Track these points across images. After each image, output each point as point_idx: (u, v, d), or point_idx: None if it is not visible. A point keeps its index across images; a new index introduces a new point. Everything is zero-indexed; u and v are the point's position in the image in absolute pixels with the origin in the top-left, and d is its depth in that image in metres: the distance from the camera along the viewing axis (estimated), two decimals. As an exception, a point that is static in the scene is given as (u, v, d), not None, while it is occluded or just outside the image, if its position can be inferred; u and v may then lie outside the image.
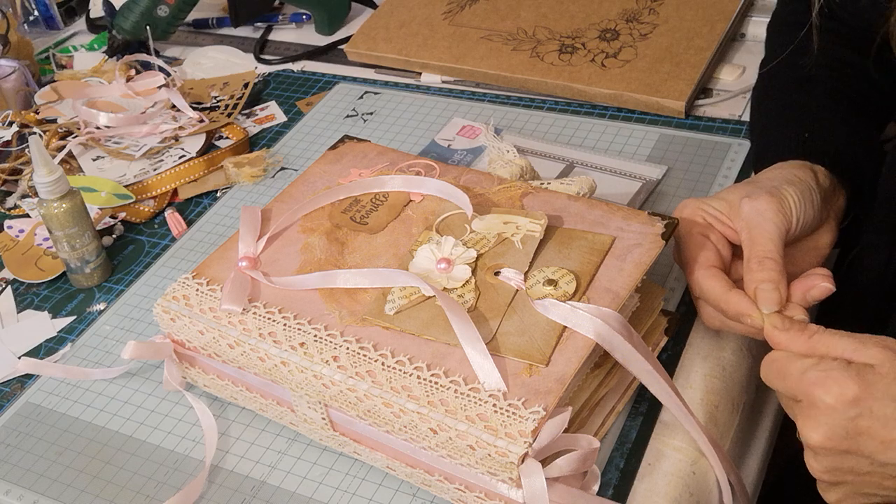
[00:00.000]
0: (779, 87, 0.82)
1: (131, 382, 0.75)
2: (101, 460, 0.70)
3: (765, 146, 0.78)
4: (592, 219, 0.69)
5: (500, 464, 0.55)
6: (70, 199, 0.81)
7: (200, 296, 0.68)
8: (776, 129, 0.78)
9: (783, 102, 0.80)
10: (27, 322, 0.84)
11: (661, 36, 1.04)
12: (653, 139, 0.94)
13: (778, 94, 0.82)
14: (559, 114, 1.00)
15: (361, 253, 0.69)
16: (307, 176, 0.78)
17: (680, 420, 0.62)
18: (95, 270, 0.86)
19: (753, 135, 0.85)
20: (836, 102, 0.77)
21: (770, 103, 0.82)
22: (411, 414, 0.58)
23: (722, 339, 0.72)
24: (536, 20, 1.10)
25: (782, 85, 0.82)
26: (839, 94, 0.78)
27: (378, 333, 0.62)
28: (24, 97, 1.09)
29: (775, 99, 0.82)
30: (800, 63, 0.80)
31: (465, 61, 1.07)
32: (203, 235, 0.91)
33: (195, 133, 1.01)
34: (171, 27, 1.18)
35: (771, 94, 0.83)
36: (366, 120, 1.04)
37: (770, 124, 0.80)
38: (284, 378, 0.63)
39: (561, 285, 0.62)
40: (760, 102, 0.84)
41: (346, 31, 1.23)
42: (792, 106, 0.79)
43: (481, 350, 0.59)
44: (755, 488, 0.74)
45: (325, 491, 0.65)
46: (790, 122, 0.77)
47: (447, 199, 0.72)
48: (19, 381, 0.78)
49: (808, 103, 0.78)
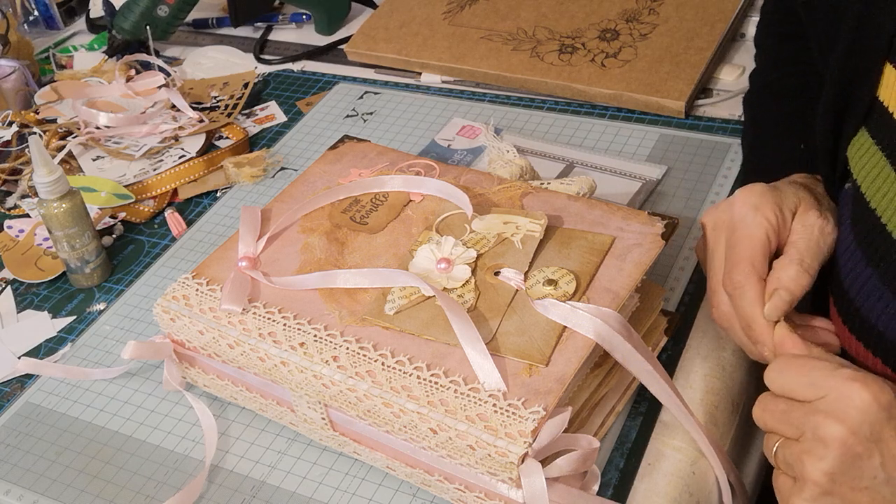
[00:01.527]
0: (777, 100, 0.81)
1: (131, 382, 0.75)
2: (101, 460, 0.70)
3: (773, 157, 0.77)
4: (592, 219, 0.69)
5: (500, 464, 0.55)
6: (70, 199, 0.81)
7: (200, 296, 0.68)
8: (781, 140, 0.76)
9: (784, 113, 0.79)
10: (27, 322, 0.84)
11: (661, 36, 1.04)
12: (653, 139, 0.94)
13: (777, 107, 0.80)
14: (559, 114, 1.00)
15: (361, 253, 0.69)
16: (307, 176, 0.78)
17: (680, 420, 0.62)
18: (95, 270, 0.86)
19: (755, 147, 0.81)
20: None
21: (770, 115, 0.80)
22: (411, 414, 0.58)
23: (722, 339, 0.72)
24: (536, 20, 1.10)
25: (780, 97, 0.80)
26: None
27: (378, 333, 0.62)
28: (24, 97, 1.09)
29: (775, 111, 0.80)
30: (791, 72, 0.80)
31: (465, 61, 1.07)
32: (203, 235, 0.91)
33: (195, 133, 1.01)
34: (171, 27, 1.18)
35: (771, 107, 0.81)
36: (366, 120, 1.04)
37: (775, 135, 0.78)
38: (284, 378, 0.63)
39: (561, 285, 0.62)
40: (765, 113, 0.81)
41: (346, 31, 1.23)
42: (792, 116, 0.78)
43: (481, 350, 0.59)
44: (755, 488, 0.74)
45: (325, 491, 0.65)
46: (794, 135, 0.76)
47: (447, 199, 0.72)
48: (19, 381, 0.78)
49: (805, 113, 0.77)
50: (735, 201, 0.65)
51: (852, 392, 0.53)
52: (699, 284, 0.77)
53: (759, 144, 0.79)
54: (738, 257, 0.63)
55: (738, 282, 0.62)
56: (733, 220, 0.64)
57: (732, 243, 0.64)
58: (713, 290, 0.66)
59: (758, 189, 0.65)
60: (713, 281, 0.66)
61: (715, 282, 0.65)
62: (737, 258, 0.63)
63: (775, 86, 0.81)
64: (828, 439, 0.53)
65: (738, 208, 0.64)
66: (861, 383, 0.53)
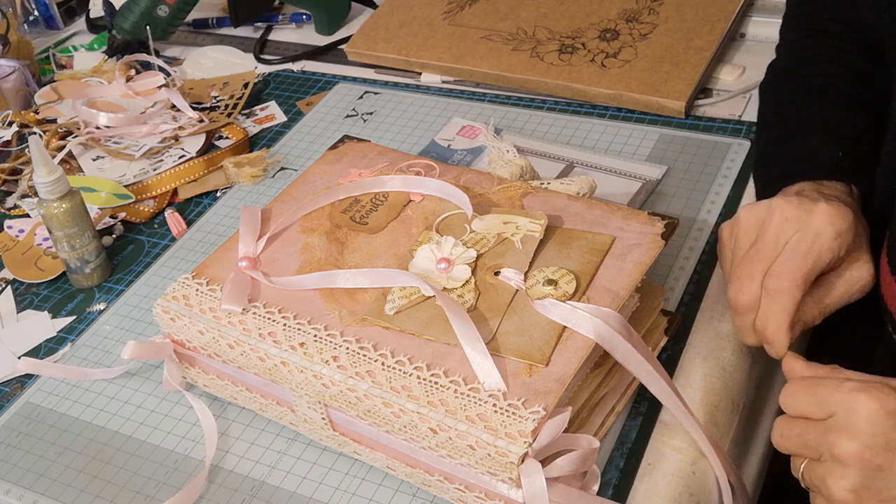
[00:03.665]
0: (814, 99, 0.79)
1: (131, 382, 0.75)
2: (101, 460, 0.70)
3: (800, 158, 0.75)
4: (592, 219, 0.69)
5: (500, 464, 0.55)
6: (70, 199, 0.81)
7: (200, 296, 0.68)
8: (818, 142, 0.75)
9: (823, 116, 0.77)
10: (27, 322, 0.84)
11: (661, 36, 1.04)
12: (653, 139, 0.94)
13: (816, 107, 0.78)
14: (559, 114, 1.00)
15: (361, 253, 0.69)
16: (307, 176, 0.78)
17: (680, 420, 0.62)
18: (95, 270, 0.86)
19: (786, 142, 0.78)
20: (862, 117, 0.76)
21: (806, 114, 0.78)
22: (411, 414, 0.58)
23: (722, 338, 0.72)
24: (536, 20, 1.10)
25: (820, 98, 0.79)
26: (860, 105, 0.76)
27: (378, 333, 0.62)
28: (24, 97, 1.09)
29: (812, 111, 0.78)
30: (825, 72, 0.79)
31: (465, 61, 1.07)
32: (203, 235, 0.91)
33: (195, 133, 1.01)
34: (171, 27, 1.18)
35: (808, 106, 0.78)
36: (366, 120, 1.04)
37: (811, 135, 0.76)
38: (284, 378, 0.63)
39: (561, 285, 0.62)
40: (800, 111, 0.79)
41: (346, 31, 1.23)
42: (815, 118, 0.76)
43: (481, 350, 0.59)
44: (755, 488, 0.74)
45: (325, 491, 0.65)
46: (835, 140, 0.74)
47: (447, 199, 0.72)
48: (19, 381, 0.78)
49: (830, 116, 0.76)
50: (819, 212, 0.64)
51: (858, 405, 0.53)
52: (699, 284, 0.77)
53: (787, 139, 0.77)
54: (795, 266, 0.63)
55: (784, 287, 0.62)
56: (809, 229, 0.63)
57: (798, 249, 0.63)
58: (750, 275, 0.64)
59: (847, 216, 0.64)
60: (755, 266, 0.64)
61: (757, 268, 0.64)
62: (794, 266, 0.63)
63: (807, 82, 0.80)
64: (844, 457, 0.54)
65: (820, 221, 0.63)
66: (865, 393, 0.53)
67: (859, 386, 0.54)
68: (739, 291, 0.65)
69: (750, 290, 0.64)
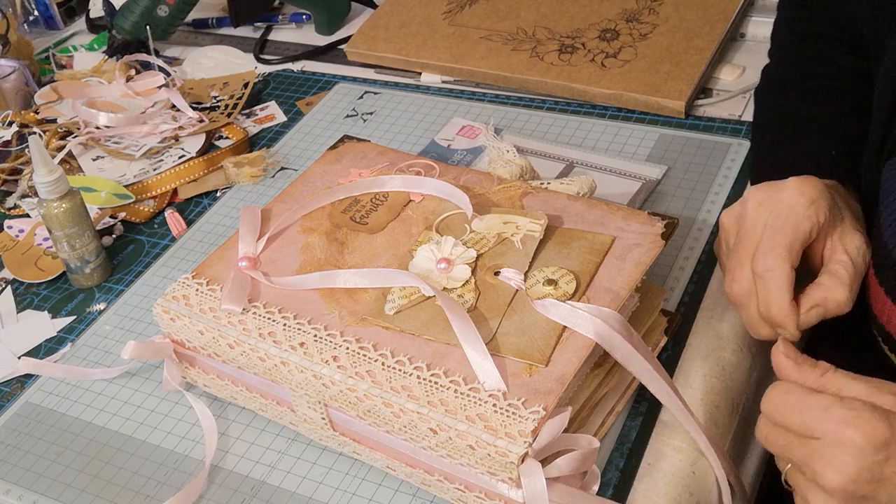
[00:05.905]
0: (806, 100, 0.79)
1: (131, 382, 0.76)
2: (101, 460, 0.70)
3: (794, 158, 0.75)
4: (592, 219, 0.69)
5: (500, 464, 0.55)
6: (70, 199, 0.81)
7: (200, 296, 0.68)
8: (810, 142, 0.75)
9: (813, 115, 0.78)
10: (27, 322, 0.84)
11: (661, 36, 1.04)
12: (653, 139, 0.94)
13: (808, 108, 0.78)
14: (559, 114, 1.00)
15: (361, 253, 0.69)
16: (307, 176, 0.78)
17: (680, 420, 0.62)
18: (95, 270, 0.86)
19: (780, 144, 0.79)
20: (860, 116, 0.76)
21: (799, 115, 0.78)
22: (411, 414, 0.58)
23: (722, 338, 0.72)
24: (536, 20, 1.10)
25: (811, 99, 0.79)
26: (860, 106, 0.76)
27: (378, 333, 0.62)
28: (24, 97, 1.09)
29: (805, 112, 0.78)
30: (818, 73, 0.79)
31: (464, 61, 1.07)
32: (203, 235, 0.91)
33: (195, 133, 1.01)
34: (171, 27, 1.18)
35: (800, 107, 0.79)
36: (366, 120, 1.04)
37: (805, 136, 0.76)
38: (284, 378, 0.63)
39: (561, 285, 0.62)
40: (793, 113, 0.79)
41: (346, 31, 1.23)
42: (813, 119, 0.77)
43: (481, 350, 0.59)
44: (755, 488, 0.74)
45: (324, 491, 0.65)
46: (828, 138, 0.75)
47: (447, 199, 0.72)
48: (19, 381, 0.78)
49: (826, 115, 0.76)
50: (788, 187, 0.64)
51: (846, 439, 0.52)
52: (699, 284, 0.77)
53: (784, 142, 0.77)
54: (776, 241, 0.62)
55: (770, 265, 0.62)
56: (782, 204, 0.63)
57: (776, 226, 0.63)
58: (738, 264, 0.65)
59: (817, 185, 0.64)
60: (741, 254, 0.64)
61: (743, 255, 0.64)
62: (774, 242, 0.62)
63: (801, 85, 0.80)
64: (828, 488, 0.53)
65: (790, 194, 0.63)
66: (854, 428, 0.52)
67: (847, 416, 0.52)
68: (732, 282, 0.65)
69: (741, 278, 0.64)
